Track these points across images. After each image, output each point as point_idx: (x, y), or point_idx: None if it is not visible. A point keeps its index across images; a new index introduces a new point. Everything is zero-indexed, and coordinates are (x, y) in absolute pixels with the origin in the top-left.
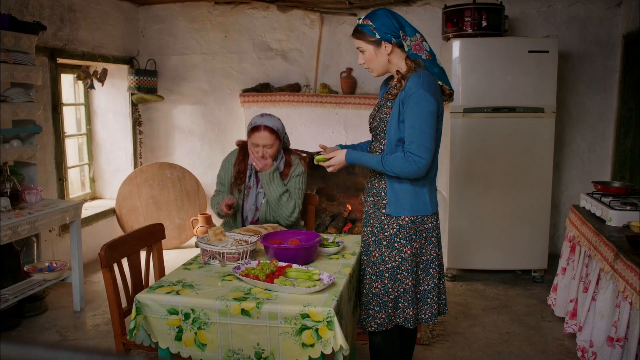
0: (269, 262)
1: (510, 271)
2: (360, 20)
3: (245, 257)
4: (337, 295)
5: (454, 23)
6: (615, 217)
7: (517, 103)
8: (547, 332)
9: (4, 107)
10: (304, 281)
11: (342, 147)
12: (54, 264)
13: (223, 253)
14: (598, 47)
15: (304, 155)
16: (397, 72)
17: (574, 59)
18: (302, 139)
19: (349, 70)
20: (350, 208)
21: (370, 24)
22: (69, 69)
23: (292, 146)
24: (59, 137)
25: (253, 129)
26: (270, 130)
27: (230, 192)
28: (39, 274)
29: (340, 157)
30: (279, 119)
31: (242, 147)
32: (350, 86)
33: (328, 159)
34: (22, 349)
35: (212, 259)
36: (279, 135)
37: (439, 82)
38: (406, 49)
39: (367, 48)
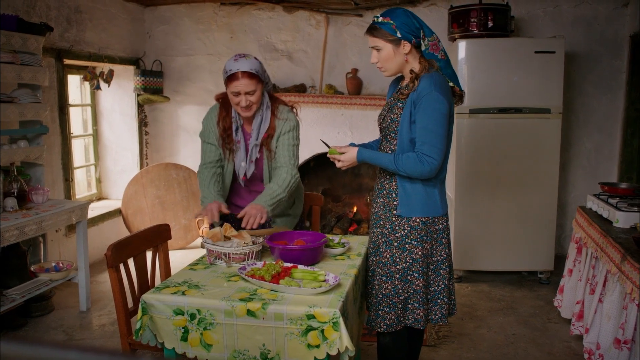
0: (274, 262)
1: (516, 272)
2: (380, 18)
3: (251, 258)
4: (343, 296)
5: (460, 24)
6: (622, 219)
7: (523, 104)
8: (553, 334)
9: (12, 107)
10: (310, 282)
11: (354, 145)
12: (61, 264)
13: (229, 254)
14: (605, 48)
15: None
16: (411, 71)
17: (580, 60)
18: (307, 139)
19: (355, 70)
20: (356, 209)
21: (391, 22)
22: (76, 69)
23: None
24: (65, 137)
25: (229, 78)
26: (249, 75)
27: (223, 155)
28: (45, 274)
29: (351, 154)
30: (255, 59)
31: (224, 101)
32: (355, 87)
33: (341, 154)
34: (31, 349)
35: (218, 259)
36: (260, 78)
37: (450, 84)
38: (423, 48)
39: (385, 47)
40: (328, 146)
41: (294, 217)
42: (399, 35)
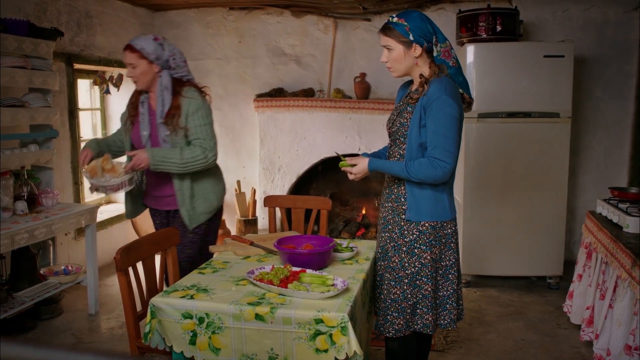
0: (283, 267)
1: (525, 277)
2: (394, 19)
3: (124, 187)
4: (351, 301)
5: (469, 28)
6: (632, 224)
7: (532, 108)
8: (562, 340)
9: (22, 112)
10: (318, 286)
11: (365, 155)
12: (70, 267)
13: (105, 186)
14: (614, 52)
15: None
16: (421, 75)
17: (590, 64)
18: (315, 143)
19: (363, 75)
20: (364, 213)
21: (405, 24)
22: (86, 74)
23: (306, 152)
24: (75, 141)
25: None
26: (131, 48)
27: (125, 126)
28: (54, 277)
29: (362, 165)
30: (155, 40)
31: None
32: (364, 91)
33: (352, 166)
34: (44, 352)
35: (97, 190)
36: (144, 55)
37: (460, 90)
38: (435, 54)
39: (397, 47)
40: (341, 158)
41: (199, 213)
42: (411, 37)
